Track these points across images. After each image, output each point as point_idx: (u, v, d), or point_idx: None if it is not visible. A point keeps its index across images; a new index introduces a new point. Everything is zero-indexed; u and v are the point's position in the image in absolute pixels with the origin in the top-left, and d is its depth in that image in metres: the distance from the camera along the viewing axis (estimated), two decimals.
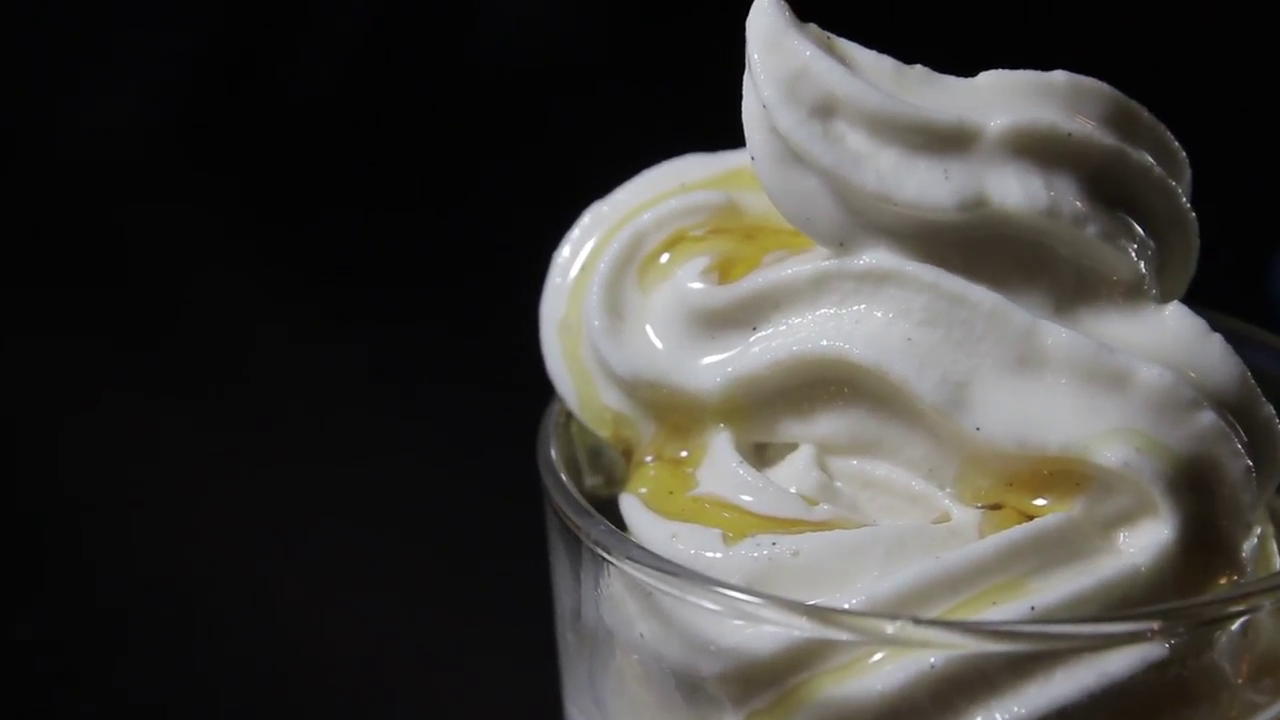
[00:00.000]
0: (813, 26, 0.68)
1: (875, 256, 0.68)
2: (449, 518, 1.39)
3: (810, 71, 0.67)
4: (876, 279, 0.67)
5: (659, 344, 0.72)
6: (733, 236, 0.73)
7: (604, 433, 0.74)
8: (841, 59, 0.68)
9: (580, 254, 0.75)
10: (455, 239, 1.75)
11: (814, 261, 0.69)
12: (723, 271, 0.71)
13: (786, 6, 0.68)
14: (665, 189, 0.75)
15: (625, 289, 0.73)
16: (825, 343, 0.68)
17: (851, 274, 0.68)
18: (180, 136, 1.89)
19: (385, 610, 1.30)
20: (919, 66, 0.69)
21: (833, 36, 0.69)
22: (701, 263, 0.72)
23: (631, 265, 0.73)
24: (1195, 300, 0.70)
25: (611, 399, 0.74)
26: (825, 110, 0.67)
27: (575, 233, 0.76)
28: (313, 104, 1.92)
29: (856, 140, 0.67)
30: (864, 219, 0.68)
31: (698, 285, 0.71)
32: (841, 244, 0.68)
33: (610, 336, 0.72)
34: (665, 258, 0.73)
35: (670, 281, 0.72)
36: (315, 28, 1.96)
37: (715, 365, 0.70)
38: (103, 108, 1.87)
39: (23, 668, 1.26)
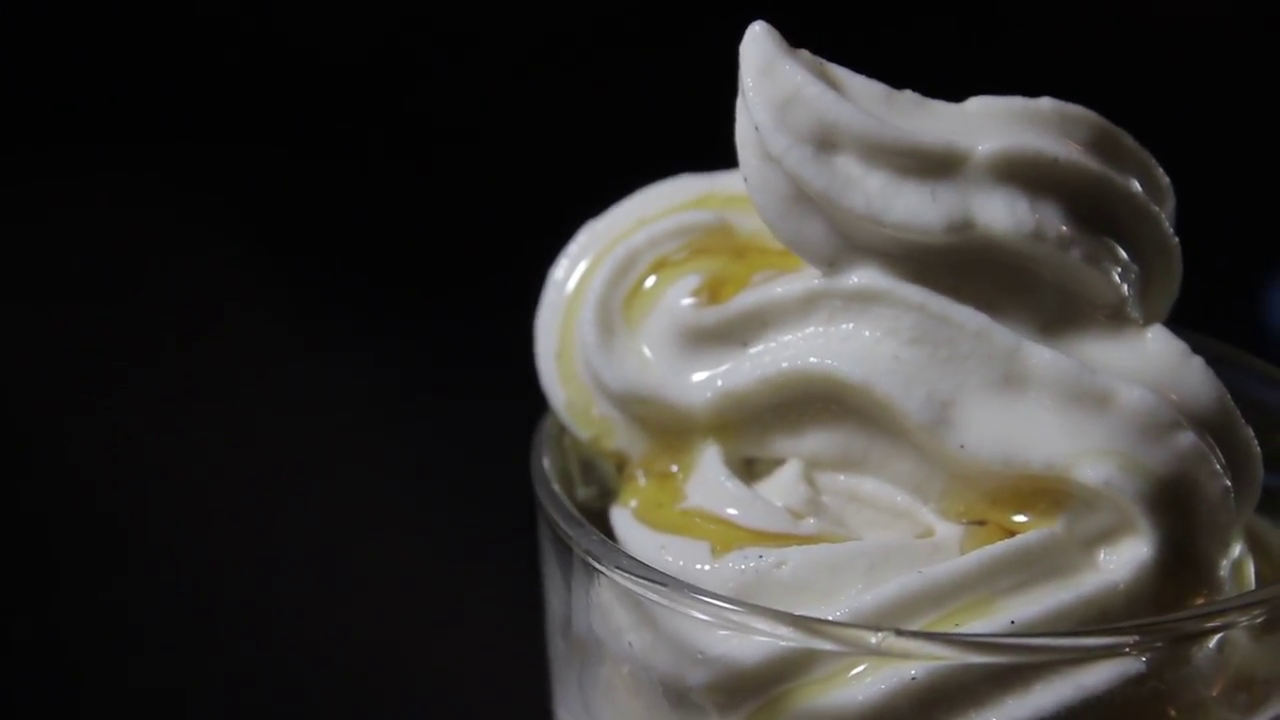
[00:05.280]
0: (804, 53, 0.69)
1: (864, 276, 0.69)
2: (444, 527, 1.40)
3: (802, 97, 0.67)
4: (865, 298, 0.68)
5: (651, 360, 0.73)
6: (723, 255, 0.74)
7: (587, 433, 0.75)
8: (833, 84, 0.69)
9: (575, 271, 0.76)
10: (451, 253, 1.76)
11: (804, 281, 0.70)
12: (713, 290, 0.72)
13: (778, 34, 0.69)
14: (659, 208, 0.76)
15: (618, 306, 0.74)
16: (814, 360, 0.69)
17: (841, 293, 0.69)
18: (174, 141, 1.90)
19: (378, 615, 1.31)
20: (909, 91, 0.70)
21: (824, 62, 0.70)
22: (693, 281, 0.73)
23: (625, 283, 0.74)
24: (1188, 325, 0.71)
25: (606, 412, 0.75)
26: (816, 134, 0.67)
27: (572, 249, 0.77)
28: (310, 112, 1.92)
29: (847, 163, 0.68)
30: (853, 240, 0.69)
31: (689, 303, 0.72)
32: (831, 264, 0.69)
33: (603, 352, 0.73)
34: (658, 276, 0.74)
35: (662, 299, 0.73)
36: (312, 33, 1.96)
37: (705, 381, 0.71)
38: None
39: (28, 667, 1.27)
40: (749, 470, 0.72)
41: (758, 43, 0.69)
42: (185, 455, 1.50)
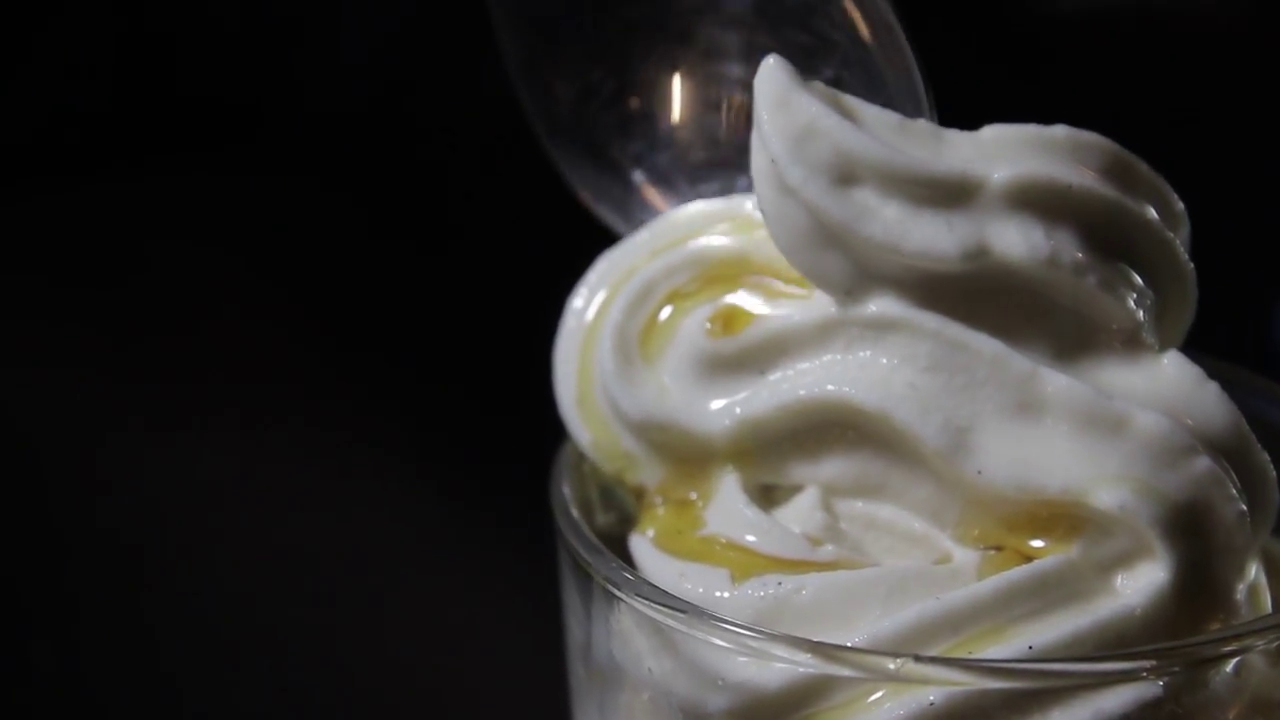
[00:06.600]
0: (819, 84, 0.70)
1: (881, 305, 0.69)
2: (464, 553, 1.40)
3: (817, 128, 0.68)
4: (882, 326, 0.69)
5: (670, 388, 0.73)
6: (740, 284, 0.74)
7: (612, 466, 0.76)
8: (848, 115, 0.69)
9: (593, 301, 0.77)
10: (470, 279, 1.76)
11: (821, 309, 0.70)
12: (730, 318, 0.73)
13: (792, 66, 0.70)
14: (675, 236, 0.77)
15: (636, 335, 0.75)
16: (831, 388, 0.69)
17: (858, 321, 0.69)
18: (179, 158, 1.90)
19: (398, 641, 1.31)
20: (923, 121, 0.71)
21: (838, 93, 0.70)
22: (710, 309, 0.73)
23: (642, 312, 0.75)
24: (1203, 349, 0.71)
25: (627, 443, 0.75)
26: (833, 165, 0.68)
27: (590, 278, 0.78)
28: (329, 135, 1.93)
29: (863, 193, 0.68)
30: (870, 269, 0.69)
31: (707, 330, 0.72)
32: (848, 292, 0.70)
33: (622, 381, 0.74)
34: (674, 305, 0.75)
35: (680, 328, 0.74)
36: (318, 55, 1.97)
37: (724, 409, 0.72)
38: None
39: (43, 682, 1.28)
40: (767, 497, 0.73)
41: (772, 75, 0.69)
42: (203, 475, 1.51)
